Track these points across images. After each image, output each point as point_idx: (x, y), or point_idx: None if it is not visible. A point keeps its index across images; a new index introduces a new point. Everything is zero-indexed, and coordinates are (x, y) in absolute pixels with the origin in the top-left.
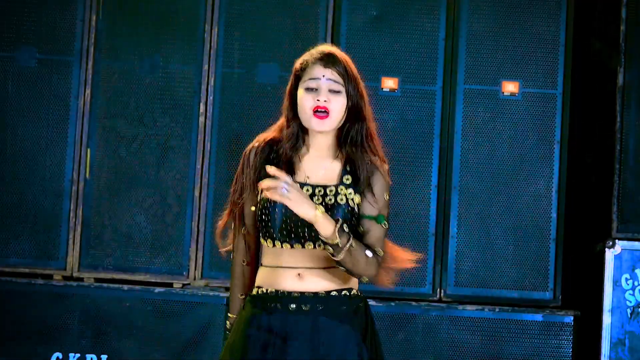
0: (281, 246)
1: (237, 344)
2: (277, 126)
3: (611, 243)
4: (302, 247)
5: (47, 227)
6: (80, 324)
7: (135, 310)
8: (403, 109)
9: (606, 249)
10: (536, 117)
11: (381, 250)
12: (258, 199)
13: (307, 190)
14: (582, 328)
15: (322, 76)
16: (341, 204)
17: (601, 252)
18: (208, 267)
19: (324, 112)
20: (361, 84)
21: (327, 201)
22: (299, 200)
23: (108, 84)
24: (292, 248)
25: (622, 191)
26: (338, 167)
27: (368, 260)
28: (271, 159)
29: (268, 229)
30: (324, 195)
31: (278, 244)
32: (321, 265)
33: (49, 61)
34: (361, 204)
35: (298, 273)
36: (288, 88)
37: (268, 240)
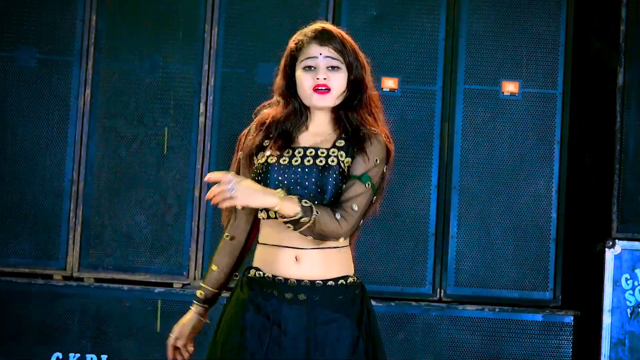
0: (275, 215)
1: (233, 330)
2: (273, 107)
3: (611, 243)
4: None
5: (47, 227)
6: (80, 324)
7: (135, 310)
8: (403, 109)
9: (606, 249)
10: (536, 117)
11: (356, 205)
12: (254, 169)
13: (298, 152)
14: (582, 328)
15: (320, 54)
16: (332, 165)
17: (601, 252)
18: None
19: (325, 89)
20: (360, 54)
21: (317, 162)
22: (250, 193)
23: (108, 84)
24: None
25: (622, 191)
26: (334, 136)
27: (335, 224)
28: (269, 137)
29: None
30: (315, 157)
31: (272, 213)
32: (317, 245)
33: (49, 61)
34: (351, 165)
35: (295, 256)
36: (282, 67)
37: (263, 211)
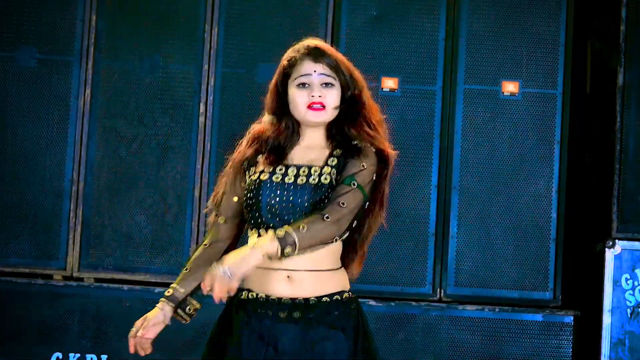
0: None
1: (226, 347)
2: (263, 123)
3: (611, 243)
4: None
5: (47, 227)
6: (80, 324)
7: (135, 310)
8: (403, 109)
9: (606, 249)
10: (536, 117)
11: (343, 202)
12: (243, 187)
13: (291, 170)
14: (582, 328)
15: (314, 71)
16: (325, 184)
17: (601, 252)
18: None
19: (320, 106)
20: (354, 70)
21: (310, 181)
22: (239, 264)
23: (108, 84)
24: None
25: (622, 191)
26: (327, 153)
27: (328, 228)
28: (262, 152)
29: (253, 211)
30: (308, 175)
31: (263, 232)
32: (312, 267)
33: (49, 61)
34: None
35: (287, 275)
36: (273, 85)
37: (254, 230)
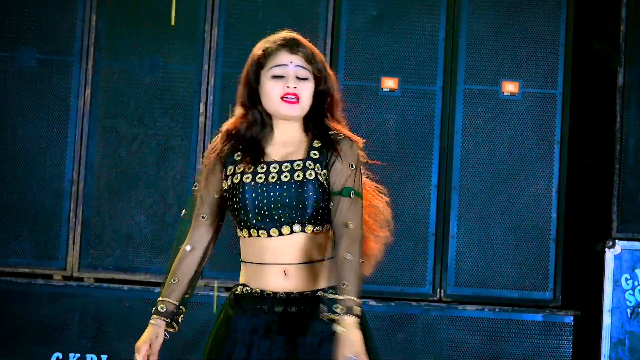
0: (257, 234)
1: (221, 345)
2: (235, 117)
3: (611, 243)
4: (279, 232)
5: (47, 227)
6: (80, 324)
7: (135, 310)
8: (403, 109)
9: (606, 249)
10: (536, 117)
11: (352, 224)
12: (225, 186)
13: (273, 168)
14: (582, 328)
15: (290, 62)
16: (310, 179)
17: (601, 252)
18: (207, 268)
19: (294, 98)
20: (327, 65)
21: (295, 178)
22: (356, 348)
23: (108, 84)
24: (269, 236)
25: (622, 191)
26: (305, 144)
27: (358, 262)
28: (238, 149)
29: (241, 215)
30: (292, 171)
31: (254, 232)
32: (305, 259)
33: (49, 61)
34: (329, 178)
35: (284, 270)
36: (244, 76)
37: (244, 230)
